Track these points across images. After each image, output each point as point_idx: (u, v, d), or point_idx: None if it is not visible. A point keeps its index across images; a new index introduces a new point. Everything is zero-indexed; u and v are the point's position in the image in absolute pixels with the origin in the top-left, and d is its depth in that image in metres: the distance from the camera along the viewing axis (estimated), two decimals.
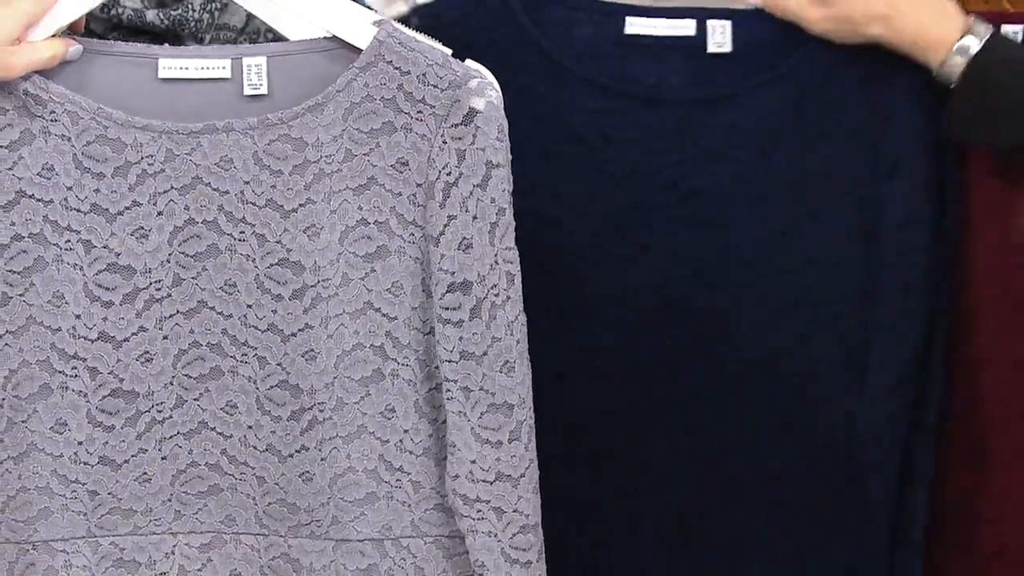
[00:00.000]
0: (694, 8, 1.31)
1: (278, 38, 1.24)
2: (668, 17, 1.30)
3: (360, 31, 1.15)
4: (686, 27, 1.30)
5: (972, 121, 1.24)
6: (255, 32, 1.35)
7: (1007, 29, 1.30)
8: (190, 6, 1.29)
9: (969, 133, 1.24)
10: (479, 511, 1.17)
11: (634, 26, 1.30)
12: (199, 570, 1.22)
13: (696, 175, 1.28)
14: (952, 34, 1.23)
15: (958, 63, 1.22)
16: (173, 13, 1.29)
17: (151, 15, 1.29)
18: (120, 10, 1.28)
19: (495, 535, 1.18)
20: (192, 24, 1.30)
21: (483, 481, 1.16)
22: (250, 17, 1.35)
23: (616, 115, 1.28)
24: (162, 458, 1.20)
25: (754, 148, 1.28)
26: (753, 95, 1.28)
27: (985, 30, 1.23)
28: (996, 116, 1.22)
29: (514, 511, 1.18)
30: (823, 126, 1.28)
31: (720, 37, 1.28)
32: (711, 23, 1.29)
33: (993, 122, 1.22)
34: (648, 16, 1.30)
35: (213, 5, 1.31)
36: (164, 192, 1.16)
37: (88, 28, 1.27)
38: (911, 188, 1.28)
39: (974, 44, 1.22)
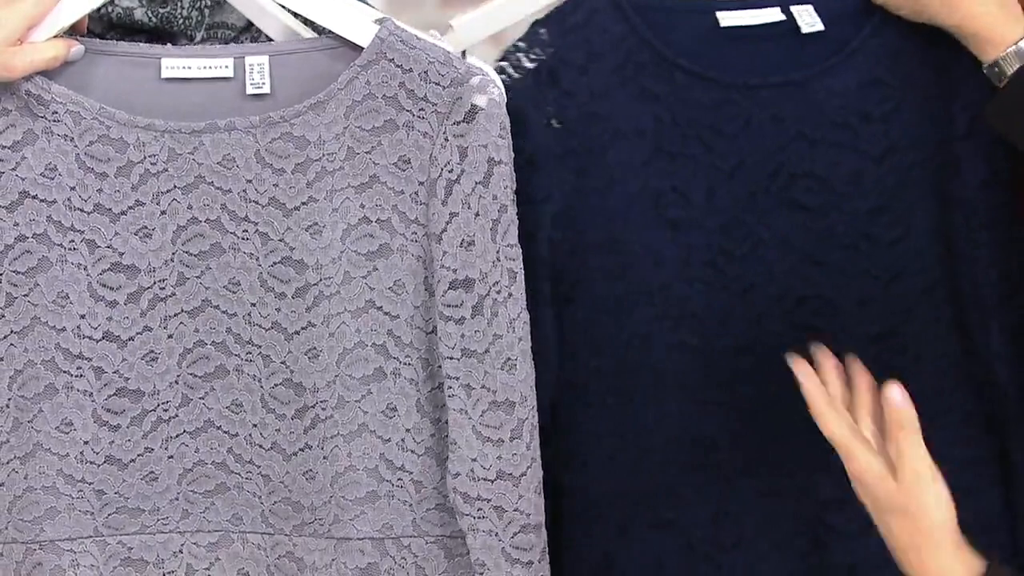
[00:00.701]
0: None
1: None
2: (755, 7, 1.32)
3: (362, 29, 1.15)
4: (773, 14, 1.31)
5: (1011, 122, 1.24)
6: (258, 31, 1.34)
7: None
8: (179, 3, 1.29)
9: (1006, 131, 1.25)
10: (480, 509, 1.17)
11: (727, 19, 1.31)
12: (207, 569, 1.22)
13: (796, 159, 1.29)
14: (1014, 33, 1.23)
15: (1012, 63, 1.23)
16: (161, 10, 1.29)
17: (139, 13, 1.29)
18: (111, 8, 1.28)
19: (496, 534, 1.17)
20: (181, 21, 1.30)
21: (484, 479, 1.16)
22: None
23: (723, 107, 1.29)
24: (168, 457, 1.20)
25: (842, 126, 1.29)
26: (832, 73, 1.29)
27: None
28: None
29: (515, 510, 1.17)
30: (900, 96, 1.29)
31: (809, 18, 1.30)
32: (795, 8, 1.31)
33: None
34: (735, 9, 1.32)
35: (203, 3, 1.31)
36: (167, 191, 1.16)
37: (88, 28, 1.27)
38: (987, 146, 1.29)
39: None
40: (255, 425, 1.19)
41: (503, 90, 1.15)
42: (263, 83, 1.17)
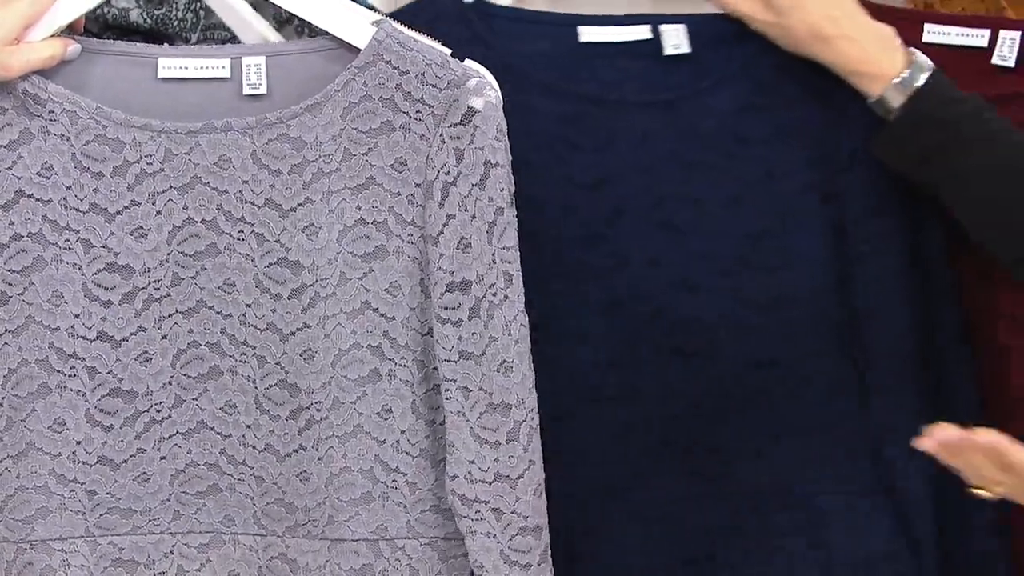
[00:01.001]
0: (647, 15, 1.31)
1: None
2: (621, 24, 1.30)
3: (359, 31, 1.15)
4: (641, 32, 1.29)
5: (900, 154, 1.24)
6: None
7: (1004, 35, 1.30)
8: (174, 5, 1.29)
9: (896, 163, 1.25)
10: (477, 512, 1.17)
11: (588, 34, 1.29)
12: (198, 570, 1.22)
13: (668, 180, 1.27)
14: (894, 68, 1.22)
15: (896, 97, 1.22)
16: (156, 12, 1.29)
17: (135, 14, 1.29)
18: (106, 9, 1.28)
19: (494, 536, 1.17)
20: (176, 23, 1.30)
21: (481, 482, 1.16)
22: None
23: (579, 120, 1.27)
24: (161, 458, 1.20)
25: (718, 149, 1.28)
26: (711, 95, 1.28)
27: (927, 66, 1.23)
28: (923, 152, 1.22)
29: (513, 512, 1.17)
30: (780, 121, 1.28)
31: (676, 39, 1.28)
32: (664, 27, 1.29)
33: (919, 158, 1.22)
34: (602, 24, 1.30)
35: (198, 5, 1.31)
36: (163, 191, 1.16)
37: (85, 28, 1.27)
38: (874, 175, 1.28)
39: (917, 79, 1.22)
40: (249, 426, 1.19)
41: (500, 93, 1.15)
42: (260, 84, 1.17)
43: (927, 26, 1.32)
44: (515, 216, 1.16)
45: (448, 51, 1.16)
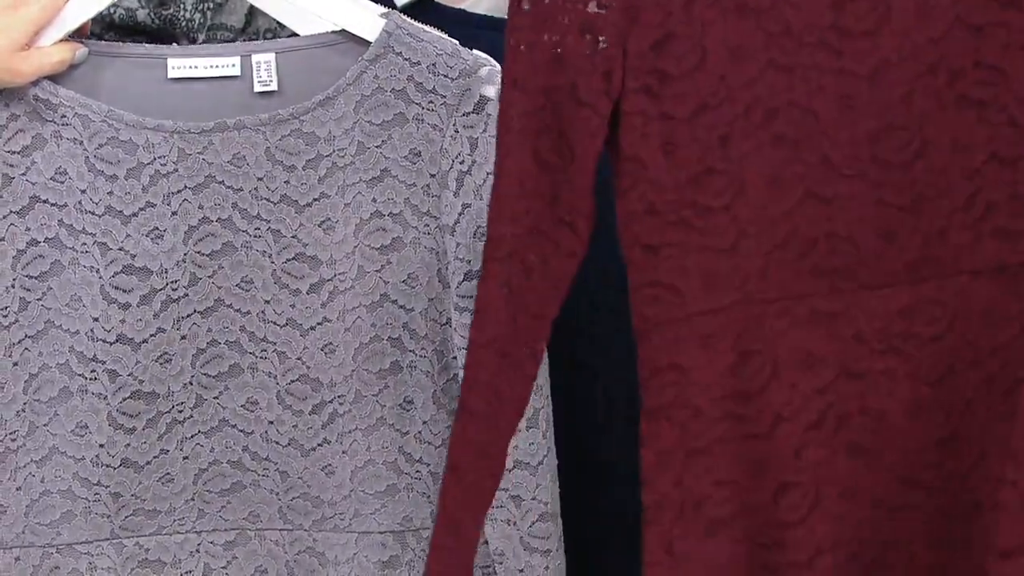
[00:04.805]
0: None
1: (279, 38, 1.24)
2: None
3: (368, 23, 1.15)
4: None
5: None
6: (255, 33, 1.35)
7: None
8: (181, 5, 1.29)
9: None
10: (498, 499, 1.17)
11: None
12: (224, 568, 1.22)
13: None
14: None
15: None
16: (164, 12, 1.29)
17: (142, 15, 1.29)
18: (112, 9, 1.28)
19: (514, 523, 1.18)
20: (184, 23, 1.30)
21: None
22: (250, 16, 1.35)
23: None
24: (184, 458, 1.20)
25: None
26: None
27: None
28: None
29: (533, 499, 1.18)
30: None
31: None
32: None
33: None
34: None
35: (206, 5, 1.31)
36: (178, 192, 1.16)
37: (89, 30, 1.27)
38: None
39: None
40: (271, 422, 1.19)
41: None
42: (271, 80, 1.17)
43: None
44: None
45: (456, 41, 1.16)
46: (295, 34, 1.20)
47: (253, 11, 1.34)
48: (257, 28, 1.35)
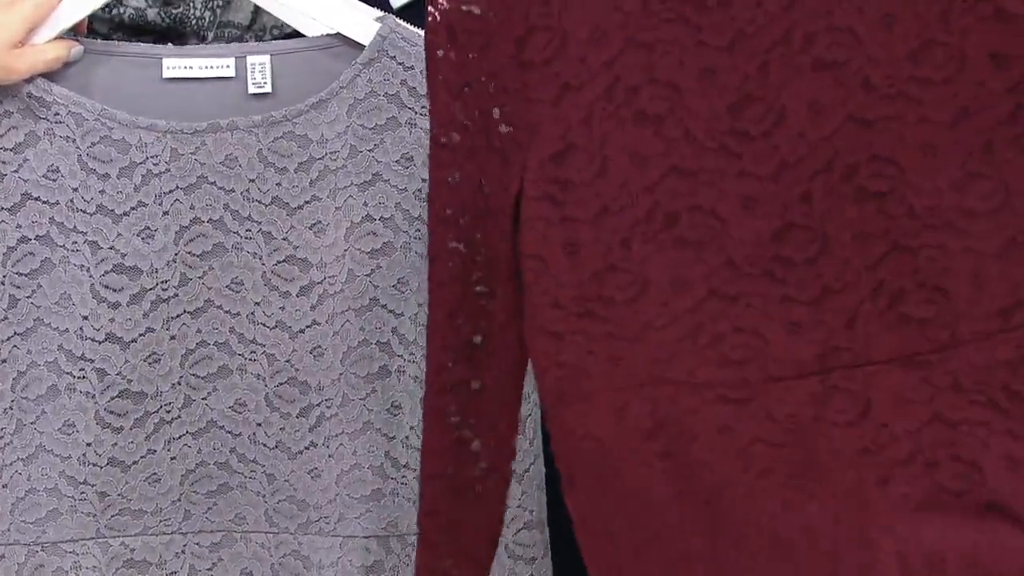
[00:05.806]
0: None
1: (285, 34, 1.24)
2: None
3: (363, 27, 1.16)
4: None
5: None
6: (261, 29, 1.35)
7: None
8: (191, 4, 1.29)
9: None
10: None
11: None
12: (209, 569, 1.22)
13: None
14: None
15: None
16: (174, 11, 1.29)
17: (152, 14, 1.29)
18: (122, 9, 1.29)
19: None
20: (194, 22, 1.30)
21: None
22: (256, 14, 1.35)
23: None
24: (171, 458, 1.20)
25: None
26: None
27: None
28: None
29: (518, 507, 1.18)
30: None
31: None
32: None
33: None
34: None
35: (215, 2, 1.31)
36: (169, 192, 1.16)
37: (91, 28, 1.27)
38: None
39: None
40: (259, 424, 1.19)
41: None
42: (265, 82, 1.17)
43: None
44: None
45: None
46: (298, 31, 1.20)
47: (259, 7, 1.34)
48: (263, 24, 1.35)
